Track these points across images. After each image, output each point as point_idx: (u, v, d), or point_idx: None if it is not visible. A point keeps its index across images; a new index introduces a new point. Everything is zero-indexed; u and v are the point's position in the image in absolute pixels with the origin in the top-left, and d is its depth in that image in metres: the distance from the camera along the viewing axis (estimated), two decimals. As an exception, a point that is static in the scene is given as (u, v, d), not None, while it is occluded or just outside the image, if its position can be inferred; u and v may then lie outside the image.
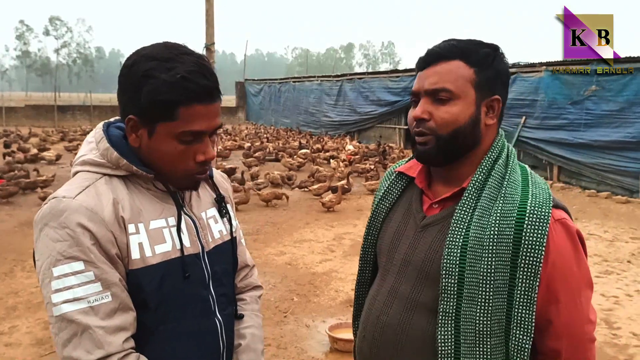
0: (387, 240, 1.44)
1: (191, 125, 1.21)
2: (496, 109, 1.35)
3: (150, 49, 1.25)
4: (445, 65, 1.29)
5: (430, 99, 1.30)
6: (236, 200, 9.14)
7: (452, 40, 1.34)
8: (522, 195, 1.26)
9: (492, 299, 1.22)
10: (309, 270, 6.16)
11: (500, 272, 1.22)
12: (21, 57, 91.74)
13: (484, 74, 1.30)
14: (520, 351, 1.22)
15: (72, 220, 1.15)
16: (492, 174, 1.30)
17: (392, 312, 1.35)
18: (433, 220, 1.35)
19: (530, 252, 1.20)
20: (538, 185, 1.30)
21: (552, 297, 1.23)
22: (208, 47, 5.00)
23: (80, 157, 1.29)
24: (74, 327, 1.14)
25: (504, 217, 1.23)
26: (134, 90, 1.21)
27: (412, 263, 1.35)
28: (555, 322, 1.25)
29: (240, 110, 35.41)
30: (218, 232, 1.43)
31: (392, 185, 1.48)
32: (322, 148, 17.73)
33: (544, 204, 1.24)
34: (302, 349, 4.24)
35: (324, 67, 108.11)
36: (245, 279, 1.58)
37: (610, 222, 8.80)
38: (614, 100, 11.06)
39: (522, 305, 1.21)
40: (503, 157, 1.34)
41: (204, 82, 1.21)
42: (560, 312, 1.24)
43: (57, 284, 1.14)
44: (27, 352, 4.09)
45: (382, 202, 1.48)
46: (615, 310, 5.07)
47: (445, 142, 1.29)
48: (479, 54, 1.30)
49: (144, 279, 1.23)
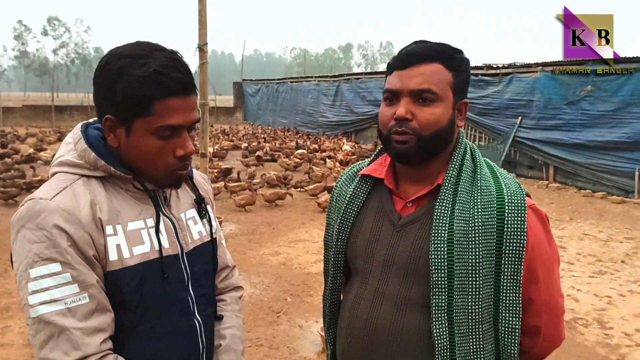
0: (361, 243, 1.43)
1: (168, 120, 1.22)
2: (464, 111, 1.40)
3: (122, 48, 1.25)
4: (428, 67, 1.31)
5: (412, 99, 1.31)
6: (243, 201, 9.17)
7: (427, 42, 1.36)
8: (496, 186, 1.33)
9: (482, 287, 1.28)
10: (303, 270, 6.16)
11: (487, 260, 1.28)
12: (19, 57, 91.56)
13: (459, 78, 1.35)
14: (511, 332, 1.30)
15: (49, 221, 1.16)
16: (463, 169, 1.36)
17: (382, 314, 1.36)
18: (411, 219, 1.37)
19: (513, 239, 1.27)
20: (506, 177, 1.39)
21: (533, 276, 1.32)
22: (201, 47, 4.99)
23: (59, 158, 1.30)
24: (51, 328, 1.14)
25: (485, 209, 1.30)
26: (108, 89, 1.21)
27: (396, 263, 1.36)
28: (536, 300, 1.34)
29: (238, 111, 35.41)
30: (197, 233, 1.44)
31: (358, 189, 1.48)
32: (319, 148, 17.73)
33: (518, 193, 1.32)
34: (294, 349, 4.24)
35: (322, 68, 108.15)
36: (225, 280, 1.58)
37: (605, 222, 8.81)
38: (609, 100, 11.08)
39: (510, 289, 1.28)
40: (469, 152, 1.40)
41: (178, 75, 1.21)
42: (540, 290, 1.34)
43: (34, 286, 1.15)
44: (19, 352, 4.09)
45: (349, 206, 1.47)
46: (608, 310, 5.08)
47: (427, 142, 1.31)
48: (455, 58, 1.35)
49: (122, 280, 1.23)
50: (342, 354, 1.47)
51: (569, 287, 5.69)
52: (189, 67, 1.27)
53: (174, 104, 1.21)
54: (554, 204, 10.36)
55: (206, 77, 5.58)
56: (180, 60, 1.25)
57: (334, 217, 1.53)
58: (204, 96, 5.80)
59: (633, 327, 4.70)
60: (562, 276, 5.94)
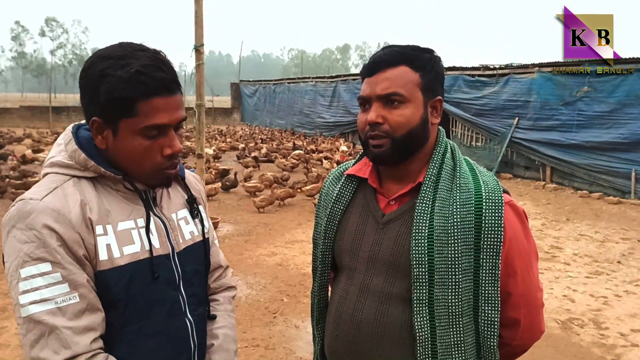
0: (347, 240, 1.49)
1: (152, 119, 1.22)
2: (439, 108, 1.43)
3: (105, 50, 1.26)
4: (393, 71, 1.37)
5: (382, 104, 1.37)
6: (283, 194, 9.42)
7: (395, 46, 1.42)
8: (474, 184, 1.38)
9: (461, 281, 1.32)
10: (300, 270, 6.17)
11: (465, 255, 1.33)
12: (17, 58, 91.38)
13: (427, 77, 1.39)
14: (490, 325, 1.35)
15: (39, 221, 1.16)
16: (443, 167, 1.41)
17: (367, 308, 1.41)
18: (394, 217, 1.42)
19: (491, 234, 1.32)
20: (485, 174, 1.44)
21: (511, 270, 1.37)
22: (197, 48, 5.00)
23: (50, 159, 1.30)
24: (41, 327, 1.14)
25: (464, 205, 1.34)
26: (92, 91, 1.22)
27: (380, 259, 1.41)
28: (514, 293, 1.38)
29: (235, 112, 35.46)
30: (189, 233, 1.44)
31: (344, 188, 1.53)
32: (316, 149, 17.75)
33: (496, 190, 1.37)
34: (290, 350, 4.24)
35: (320, 68, 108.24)
36: (218, 280, 1.59)
37: (601, 222, 8.83)
38: (605, 101, 11.11)
39: (488, 283, 1.33)
40: (449, 151, 1.45)
41: (160, 75, 1.21)
42: (517, 283, 1.38)
43: (25, 285, 1.15)
44: (15, 353, 4.08)
45: (336, 205, 1.52)
46: (604, 311, 5.09)
47: (400, 142, 1.36)
48: (421, 59, 1.39)
49: (112, 280, 1.24)
50: (329, 348, 1.52)
51: (565, 287, 5.71)
52: (173, 66, 1.28)
53: (157, 103, 1.22)
54: (551, 204, 10.38)
55: (202, 78, 5.58)
56: (163, 59, 1.25)
57: (322, 215, 1.58)
58: (201, 97, 5.81)
59: (629, 327, 4.71)
60: (557, 277, 5.98)
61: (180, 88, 1.27)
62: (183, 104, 1.29)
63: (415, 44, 1.44)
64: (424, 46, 1.44)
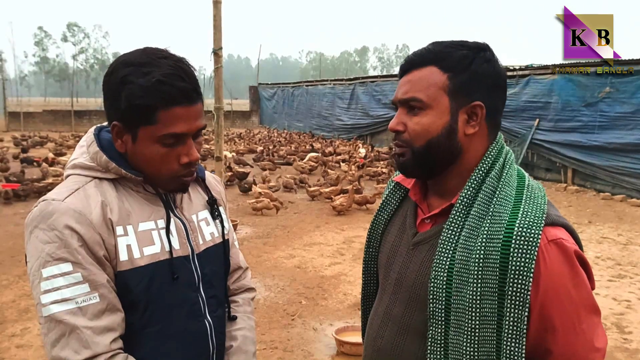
0: (384, 255, 1.39)
1: (171, 128, 1.23)
2: (479, 116, 1.21)
3: (128, 55, 1.27)
4: (417, 73, 1.22)
5: (405, 109, 1.24)
6: (342, 205, 9.19)
7: (433, 43, 1.26)
8: (511, 213, 1.14)
9: (480, 328, 1.13)
10: (318, 273, 6.17)
11: (487, 299, 1.12)
12: (40, 63, 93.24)
13: (459, 79, 1.20)
14: None
15: (60, 222, 1.18)
16: (483, 188, 1.19)
17: (387, 336, 1.32)
18: (424, 238, 1.28)
19: (517, 279, 1.09)
20: (533, 201, 1.17)
21: (548, 324, 1.13)
22: (216, 51, 5.03)
23: (72, 161, 1.32)
24: (62, 327, 1.16)
25: (490, 239, 1.13)
26: (114, 96, 1.23)
27: (404, 284, 1.29)
28: (554, 351, 1.13)
29: (254, 115, 35.63)
30: (209, 235, 1.44)
31: (390, 196, 1.42)
32: (334, 151, 17.76)
33: (534, 224, 1.11)
34: (308, 352, 4.24)
35: (338, 71, 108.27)
36: (238, 281, 1.59)
37: (624, 225, 8.68)
38: (628, 102, 10.93)
39: (511, 337, 1.11)
40: (497, 168, 1.22)
41: (181, 84, 1.22)
42: (557, 340, 1.13)
43: (46, 285, 1.16)
44: (37, 353, 4.14)
45: (380, 214, 1.42)
46: (627, 315, 5.00)
47: (420, 154, 1.22)
48: (453, 57, 1.20)
49: (132, 281, 1.25)
50: None
51: (587, 291, 5.61)
52: (195, 75, 1.28)
53: (177, 112, 1.22)
54: (572, 207, 10.24)
55: (221, 81, 5.63)
56: (185, 68, 1.25)
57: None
58: (219, 100, 5.85)
59: (653, 332, 4.62)
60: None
61: (201, 97, 1.27)
62: (203, 112, 1.29)
63: (463, 39, 1.25)
64: (474, 41, 1.24)
